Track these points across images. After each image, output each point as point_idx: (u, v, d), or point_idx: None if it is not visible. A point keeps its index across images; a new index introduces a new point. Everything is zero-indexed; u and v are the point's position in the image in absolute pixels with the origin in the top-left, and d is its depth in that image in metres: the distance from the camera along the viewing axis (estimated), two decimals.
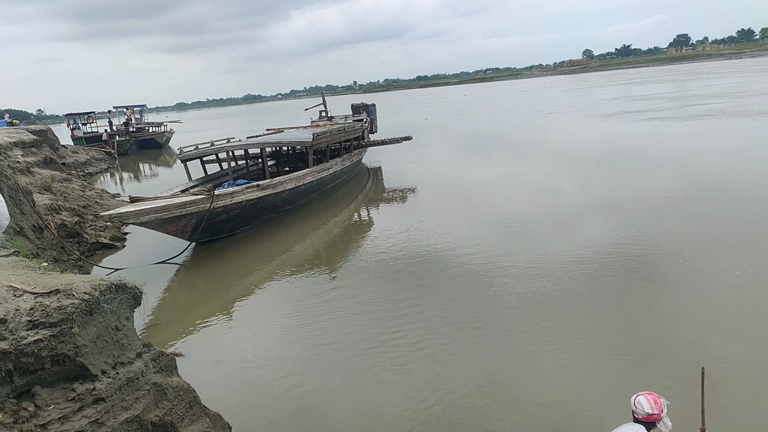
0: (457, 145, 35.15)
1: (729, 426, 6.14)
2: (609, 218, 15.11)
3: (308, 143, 20.79)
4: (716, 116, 35.00)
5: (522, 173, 23.63)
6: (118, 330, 4.39)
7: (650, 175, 19.96)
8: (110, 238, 17.32)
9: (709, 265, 11.09)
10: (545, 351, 8.44)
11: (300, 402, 7.73)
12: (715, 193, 16.52)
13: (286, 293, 12.23)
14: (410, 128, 35.26)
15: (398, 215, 18.51)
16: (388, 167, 28.98)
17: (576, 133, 34.80)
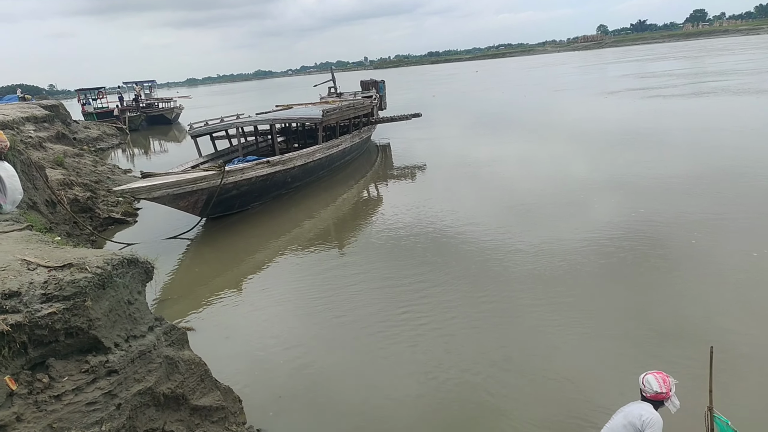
0: (465, 122, 34.96)
1: (737, 405, 6.14)
2: (618, 197, 15.02)
3: (318, 120, 20.72)
4: (722, 93, 34.80)
5: (529, 151, 23.51)
6: (131, 304, 4.43)
7: (657, 153, 19.88)
8: (122, 214, 17.43)
9: (721, 244, 11.03)
10: (555, 328, 8.45)
11: (309, 377, 7.81)
12: (726, 172, 16.37)
13: (296, 269, 12.30)
14: (419, 105, 35.04)
15: (407, 193, 18.51)
16: (396, 144, 28.89)
17: (579, 112, 34.61)
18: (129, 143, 40.96)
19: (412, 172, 21.70)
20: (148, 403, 4.35)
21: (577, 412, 6.50)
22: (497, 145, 25.85)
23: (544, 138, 26.36)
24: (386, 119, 29.23)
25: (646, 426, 4.91)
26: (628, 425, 5.05)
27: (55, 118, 27.97)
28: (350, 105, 24.80)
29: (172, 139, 43.74)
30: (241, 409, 5.88)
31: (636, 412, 5.07)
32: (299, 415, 6.99)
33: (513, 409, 6.70)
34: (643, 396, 5.18)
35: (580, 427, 6.10)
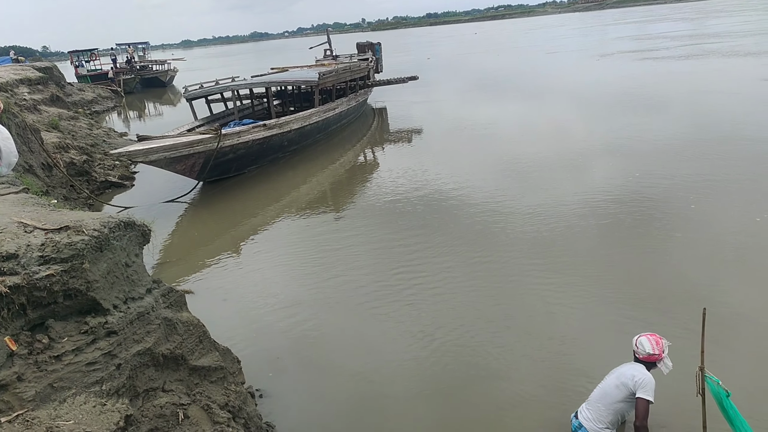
0: (460, 86, 34.75)
1: (728, 366, 6.23)
2: (613, 160, 15.00)
3: (314, 82, 20.54)
4: (713, 56, 35.03)
5: (522, 115, 23.45)
6: (128, 266, 4.45)
7: (646, 116, 19.90)
8: (119, 177, 17.40)
9: (718, 208, 11.07)
10: (551, 290, 8.52)
11: (307, 338, 7.90)
12: (719, 135, 16.31)
13: (294, 232, 12.33)
14: (415, 68, 34.78)
15: (404, 156, 18.51)
16: (393, 108, 28.72)
17: (568, 75, 34.75)
18: (124, 106, 40.61)
19: (408, 136, 21.63)
20: (147, 364, 4.40)
21: (571, 373, 6.59)
22: (491, 108, 25.75)
23: (536, 101, 26.36)
24: (383, 82, 28.99)
25: (639, 386, 5.01)
26: (621, 385, 5.15)
27: (49, 80, 27.70)
28: (346, 68, 24.56)
29: (167, 102, 43.37)
30: (240, 369, 5.96)
31: (629, 372, 5.16)
32: (297, 376, 7.10)
33: (508, 370, 6.79)
34: (636, 357, 5.27)
35: (573, 388, 6.20)
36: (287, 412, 6.43)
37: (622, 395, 5.13)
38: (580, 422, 5.34)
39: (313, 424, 6.23)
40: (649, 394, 4.98)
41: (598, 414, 5.23)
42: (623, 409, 5.19)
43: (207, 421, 4.61)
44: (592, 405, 5.34)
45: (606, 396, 5.23)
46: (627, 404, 5.14)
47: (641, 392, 4.99)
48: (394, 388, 6.67)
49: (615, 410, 5.18)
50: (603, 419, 5.19)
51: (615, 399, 5.16)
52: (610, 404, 5.18)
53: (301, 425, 6.21)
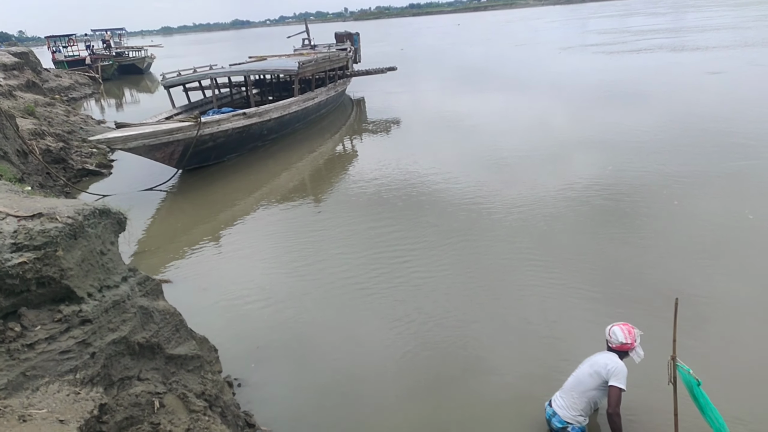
0: (436, 76, 35.11)
1: (699, 355, 6.34)
2: (590, 153, 15.13)
3: (294, 72, 20.45)
4: (659, 51, 36.76)
5: (492, 106, 23.82)
6: (103, 254, 4.41)
7: (620, 109, 20.23)
8: (96, 165, 17.20)
9: (695, 201, 11.22)
10: (529, 281, 8.60)
11: (288, 328, 7.88)
12: (698, 129, 16.54)
13: (274, 221, 12.29)
14: (393, 59, 34.89)
15: (382, 147, 18.59)
16: (371, 98, 28.72)
17: (526, 67, 35.89)
18: (102, 93, 40.09)
19: (387, 126, 21.69)
20: (122, 352, 4.37)
21: (545, 361, 6.67)
22: (465, 99, 25.92)
23: (497, 93, 27.01)
24: (361, 72, 28.98)
25: (611, 374, 5.09)
26: (594, 374, 5.23)
27: (25, 65, 27.26)
28: (326, 57, 24.46)
29: (145, 89, 42.88)
30: (217, 358, 5.94)
31: (602, 361, 5.24)
32: (277, 366, 7.09)
33: (487, 360, 6.85)
34: (609, 346, 5.35)
35: (548, 375, 6.26)
36: (266, 402, 6.44)
37: (595, 383, 5.21)
38: (554, 410, 5.41)
39: (291, 413, 6.24)
40: (621, 382, 5.06)
41: (571, 402, 5.30)
42: (596, 397, 5.27)
43: (183, 410, 4.60)
44: (565, 393, 5.41)
45: (579, 384, 5.31)
46: (600, 392, 5.22)
47: (614, 380, 5.08)
48: (375, 379, 6.70)
49: (588, 398, 5.26)
50: (576, 407, 5.27)
51: (588, 387, 5.24)
52: (583, 392, 5.26)
53: (280, 415, 6.22)
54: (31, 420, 3.47)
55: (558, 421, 5.33)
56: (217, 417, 4.92)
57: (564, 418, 5.29)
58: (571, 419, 5.26)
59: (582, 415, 5.28)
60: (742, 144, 14.53)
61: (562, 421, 5.30)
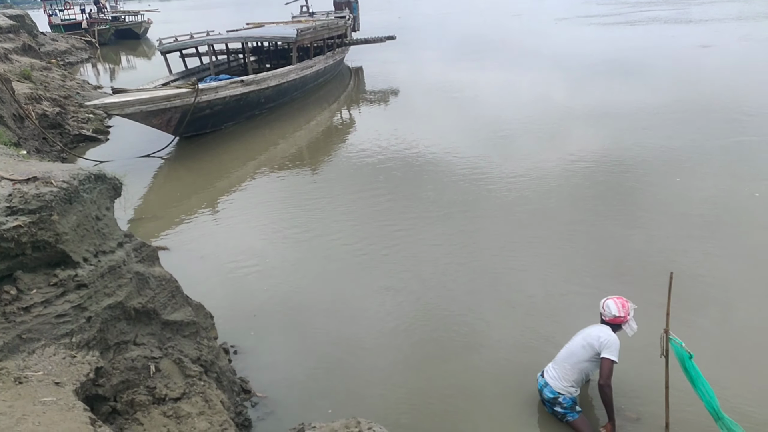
0: (436, 46, 34.76)
1: (693, 329, 6.39)
2: (586, 126, 15.08)
3: (292, 39, 20.22)
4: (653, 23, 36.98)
5: (491, 78, 23.64)
6: (99, 219, 4.40)
7: (614, 83, 20.24)
8: (93, 131, 17.08)
9: (695, 178, 11.21)
10: (527, 254, 8.62)
11: (285, 297, 7.91)
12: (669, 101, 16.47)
13: (271, 190, 12.27)
14: (389, 27, 34.60)
15: (381, 117, 18.48)
16: (369, 67, 28.46)
17: (529, 38, 35.48)
18: (99, 57, 39.63)
19: (385, 96, 21.57)
20: (118, 317, 4.39)
21: (539, 333, 6.72)
22: (465, 70, 25.71)
23: (501, 63, 27.02)
24: (360, 41, 28.65)
25: (604, 347, 5.14)
26: (587, 346, 5.27)
27: (20, 28, 26.91)
28: (324, 25, 24.14)
29: (142, 54, 42.35)
30: (213, 324, 5.98)
31: (595, 333, 5.28)
32: (273, 334, 7.12)
33: (483, 332, 6.90)
34: (602, 319, 5.39)
35: (542, 347, 6.31)
36: (262, 369, 6.49)
37: (587, 355, 5.25)
38: (546, 381, 5.46)
39: (287, 381, 6.29)
40: (613, 354, 5.10)
41: (563, 373, 5.35)
42: (588, 369, 5.32)
43: (179, 374, 4.64)
44: (558, 364, 5.46)
45: (572, 356, 5.35)
46: (592, 364, 5.27)
47: (606, 352, 5.12)
48: (371, 348, 6.74)
49: (580, 369, 5.30)
50: (568, 378, 5.32)
51: (581, 359, 5.28)
52: (575, 363, 5.30)
53: (276, 382, 6.26)
54: (27, 382, 3.50)
55: (549, 391, 5.38)
56: (212, 382, 4.96)
57: (555, 389, 5.34)
58: (563, 390, 5.32)
59: (573, 386, 5.33)
60: (736, 120, 14.58)
61: (553, 391, 5.35)
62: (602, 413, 5.35)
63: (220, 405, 4.64)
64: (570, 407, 5.32)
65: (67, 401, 3.45)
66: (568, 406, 5.32)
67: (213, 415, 4.44)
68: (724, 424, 4.86)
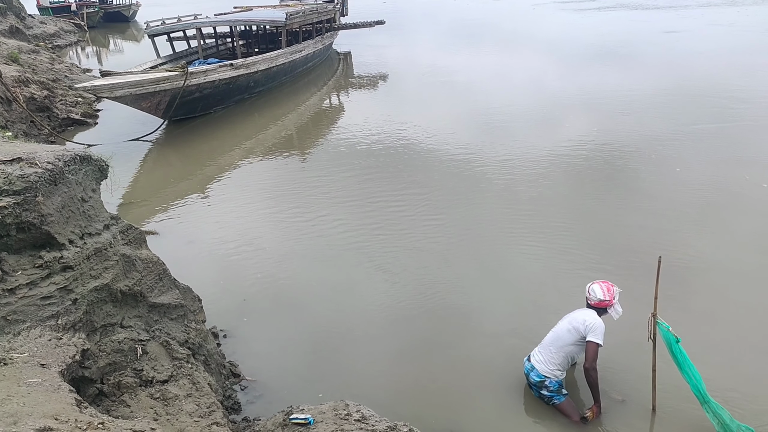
0: (423, 30, 34.88)
1: (679, 313, 6.42)
2: (578, 114, 15.09)
3: (281, 23, 20.06)
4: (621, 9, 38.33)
5: (478, 63, 23.86)
6: (84, 201, 4.37)
7: (587, 69, 20.63)
8: (82, 114, 16.90)
9: (678, 163, 11.25)
10: (516, 241, 8.63)
11: (275, 282, 7.88)
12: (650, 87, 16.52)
13: (261, 175, 12.21)
14: (375, 12, 34.49)
15: (370, 102, 18.44)
16: (357, 52, 28.34)
17: (505, 24, 36.31)
18: (88, 41, 39.18)
19: (373, 81, 21.55)
20: (105, 299, 4.37)
21: (526, 317, 6.73)
22: (446, 54, 25.91)
23: (483, 48, 27.43)
24: (349, 25, 28.49)
25: (589, 330, 5.17)
26: (573, 329, 5.30)
27: (7, 10, 26.59)
28: (313, 9, 23.93)
29: (131, 37, 41.90)
30: (201, 307, 5.95)
31: (580, 317, 5.31)
32: (263, 318, 7.10)
33: (472, 316, 6.91)
34: (588, 303, 5.41)
35: (530, 330, 6.30)
36: (251, 353, 6.47)
37: (573, 339, 5.27)
38: (532, 365, 5.48)
39: (277, 366, 6.27)
40: (598, 338, 5.13)
41: (549, 356, 5.37)
42: (574, 352, 5.34)
43: (166, 357, 4.63)
44: (544, 348, 5.48)
45: (558, 339, 5.37)
46: (578, 347, 5.29)
47: (591, 336, 5.15)
48: (362, 333, 6.73)
49: (566, 353, 5.33)
50: (554, 361, 5.34)
51: (566, 342, 5.31)
52: (561, 347, 5.33)
53: (266, 367, 6.24)
54: (12, 363, 3.48)
55: (536, 375, 5.41)
56: (200, 365, 4.96)
57: (542, 372, 5.36)
58: (549, 373, 5.34)
59: (559, 369, 5.36)
60: (712, 105, 14.88)
61: (540, 375, 5.38)
62: (588, 396, 5.39)
63: (208, 387, 4.63)
64: (556, 390, 5.35)
65: (53, 383, 3.43)
66: (555, 389, 5.35)
67: (200, 397, 4.44)
68: (710, 407, 4.92)
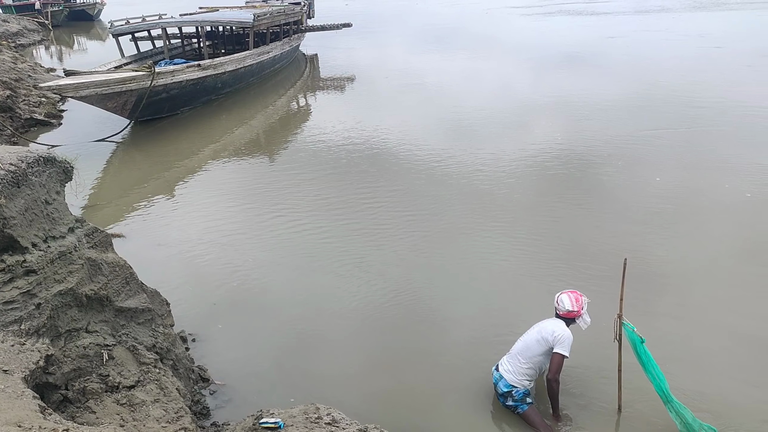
0: (387, 32, 35.17)
1: (645, 315, 6.51)
2: (546, 118, 15.29)
3: (249, 24, 19.98)
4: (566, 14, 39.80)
5: (443, 65, 24.03)
6: (48, 204, 4.28)
7: (543, 73, 20.99)
8: (46, 115, 16.57)
9: (643, 167, 11.45)
10: (485, 247, 8.62)
11: (245, 285, 7.81)
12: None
13: (229, 177, 12.11)
14: (339, 14, 34.70)
15: (338, 104, 18.52)
16: (324, 54, 28.36)
17: (463, 25, 37.19)
18: (52, 40, 38.43)
19: (341, 84, 21.61)
20: (69, 304, 4.28)
21: (496, 326, 6.71)
22: (410, 56, 26.25)
23: (438, 50, 27.80)
24: (316, 27, 28.53)
25: (557, 341, 5.22)
26: (541, 340, 5.34)
27: None
28: (280, 10, 23.85)
29: (95, 36, 41.21)
30: (169, 311, 5.86)
31: (549, 327, 5.36)
32: (233, 322, 7.01)
33: (442, 324, 6.88)
34: (557, 313, 5.46)
35: (500, 339, 6.28)
36: (221, 357, 6.40)
37: (542, 349, 5.31)
38: (500, 374, 5.49)
39: (247, 369, 6.21)
40: (565, 350, 5.18)
41: (518, 366, 5.38)
42: (542, 362, 5.37)
43: (133, 362, 4.56)
44: (512, 357, 5.49)
45: (527, 349, 5.39)
46: (546, 357, 5.32)
47: (558, 347, 5.19)
48: (333, 338, 6.69)
49: (534, 363, 5.35)
50: (523, 371, 5.36)
51: (535, 353, 5.33)
52: (530, 357, 5.35)
53: (235, 370, 6.18)
54: None
55: (504, 385, 5.40)
56: (168, 369, 4.89)
57: (510, 382, 5.36)
58: (517, 383, 5.34)
59: (528, 379, 5.37)
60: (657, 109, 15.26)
61: (508, 385, 5.38)
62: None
63: (176, 392, 4.57)
64: (521, 399, 5.36)
65: (16, 389, 3.36)
66: (519, 398, 5.35)
67: (168, 402, 4.38)
68: (673, 407, 5.01)
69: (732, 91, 16.57)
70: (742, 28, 29.33)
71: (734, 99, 15.65)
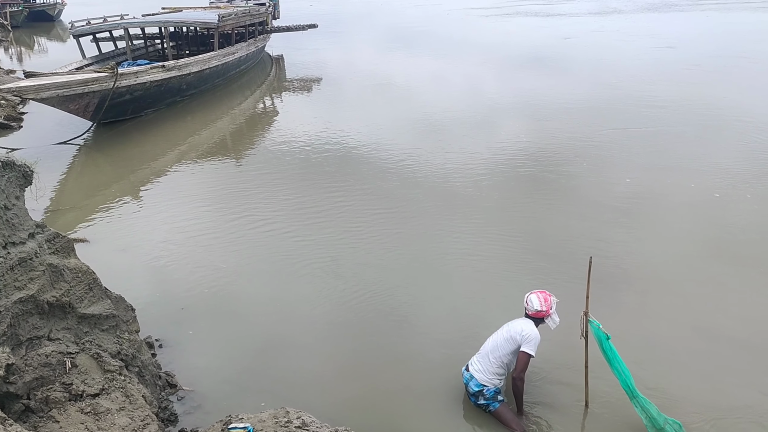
0: (354, 33, 35.41)
1: (611, 312, 6.60)
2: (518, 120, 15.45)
3: (214, 25, 19.78)
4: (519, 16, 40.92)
5: (406, 65, 24.35)
6: (7, 209, 4.17)
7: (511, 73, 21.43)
8: (5, 118, 16.17)
9: (607, 169, 11.64)
10: (455, 247, 8.66)
11: (213, 289, 7.71)
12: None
13: (195, 180, 11.96)
14: (303, 15, 34.76)
15: (304, 105, 18.47)
16: (290, 55, 28.28)
17: (429, 25, 37.78)
18: (11, 41, 37.55)
19: (308, 85, 21.60)
20: (30, 311, 4.18)
21: (466, 326, 6.75)
22: (374, 57, 26.51)
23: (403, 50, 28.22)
24: (282, 29, 28.35)
25: (524, 340, 5.29)
26: (510, 339, 5.40)
27: None
28: (245, 11, 23.64)
29: (56, 37, 40.43)
30: (134, 317, 5.77)
31: (518, 327, 5.42)
32: (200, 327, 6.91)
33: (413, 325, 6.89)
34: (526, 313, 5.52)
35: (469, 339, 6.32)
36: (190, 362, 6.29)
37: (511, 348, 5.36)
38: (471, 374, 5.52)
39: (216, 375, 6.11)
40: (531, 349, 5.24)
41: (488, 365, 5.43)
42: (511, 361, 5.41)
43: (97, 370, 4.47)
44: (482, 357, 5.53)
45: (497, 349, 5.44)
46: (515, 356, 5.37)
47: (525, 346, 5.25)
48: (302, 342, 6.63)
49: (504, 362, 5.40)
50: (492, 370, 5.40)
51: (504, 352, 5.38)
52: (499, 357, 5.40)
53: (204, 376, 6.07)
54: None
55: (475, 384, 5.43)
56: (134, 376, 4.81)
57: (481, 381, 5.40)
58: (487, 382, 5.38)
59: (498, 377, 5.42)
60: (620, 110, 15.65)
61: (479, 384, 5.41)
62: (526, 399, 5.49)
63: (142, 400, 4.50)
64: (492, 397, 5.40)
65: None
66: (491, 397, 5.39)
67: (134, 410, 4.30)
68: (638, 402, 5.10)
69: (688, 91, 17.09)
70: (691, 29, 30.52)
71: (691, 99, 16.15)
